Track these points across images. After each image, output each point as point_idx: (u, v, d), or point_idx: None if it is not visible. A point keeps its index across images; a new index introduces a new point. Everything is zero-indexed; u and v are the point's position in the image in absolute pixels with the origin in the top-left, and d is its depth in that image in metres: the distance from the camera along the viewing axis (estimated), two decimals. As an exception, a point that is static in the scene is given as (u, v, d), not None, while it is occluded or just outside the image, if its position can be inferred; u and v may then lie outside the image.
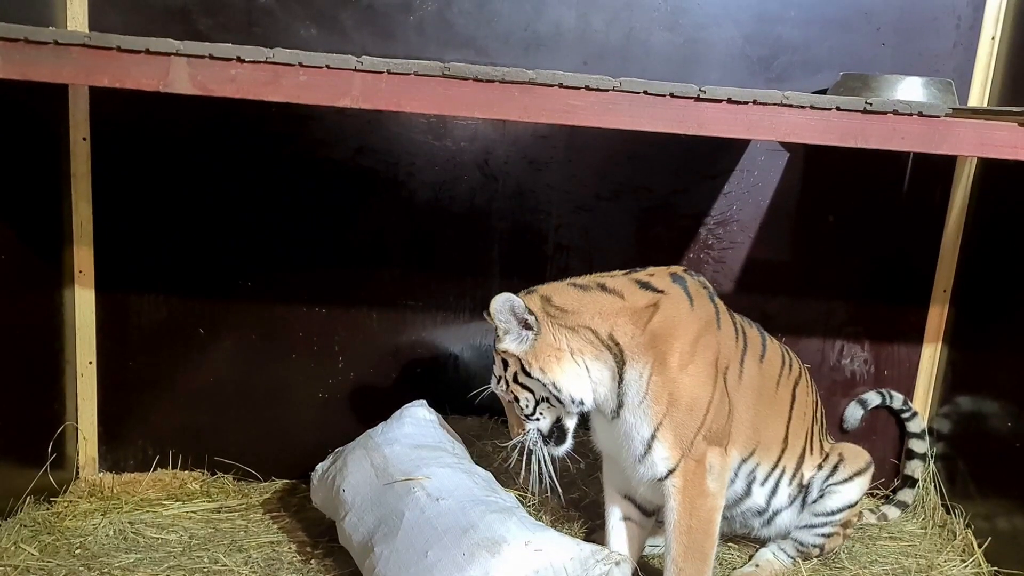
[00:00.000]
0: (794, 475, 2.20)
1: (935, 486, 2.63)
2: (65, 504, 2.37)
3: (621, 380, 1.93)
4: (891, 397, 2.70)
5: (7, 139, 2.10)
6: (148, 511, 2.38)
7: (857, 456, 2.28)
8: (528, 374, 1.95)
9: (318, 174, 2.47)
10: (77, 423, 2.52)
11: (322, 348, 2.58)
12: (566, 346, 1.94)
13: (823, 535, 2.24)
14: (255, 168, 2.45)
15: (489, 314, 1.94)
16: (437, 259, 2.57)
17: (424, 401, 2.39)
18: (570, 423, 2.03)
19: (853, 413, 2.71)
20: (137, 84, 1.63)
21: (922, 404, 2.73)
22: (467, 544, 1.85)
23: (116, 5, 2.30)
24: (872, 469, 2.30)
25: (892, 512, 2.62)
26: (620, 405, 1.95)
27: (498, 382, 2.02)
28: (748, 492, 2.17)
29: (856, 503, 2.25)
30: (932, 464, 2.67)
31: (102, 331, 2.50)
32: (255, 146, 2.44)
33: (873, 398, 2.70)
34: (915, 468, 2.68)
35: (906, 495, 2.66)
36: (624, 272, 2.04)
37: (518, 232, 2.56)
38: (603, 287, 1.97)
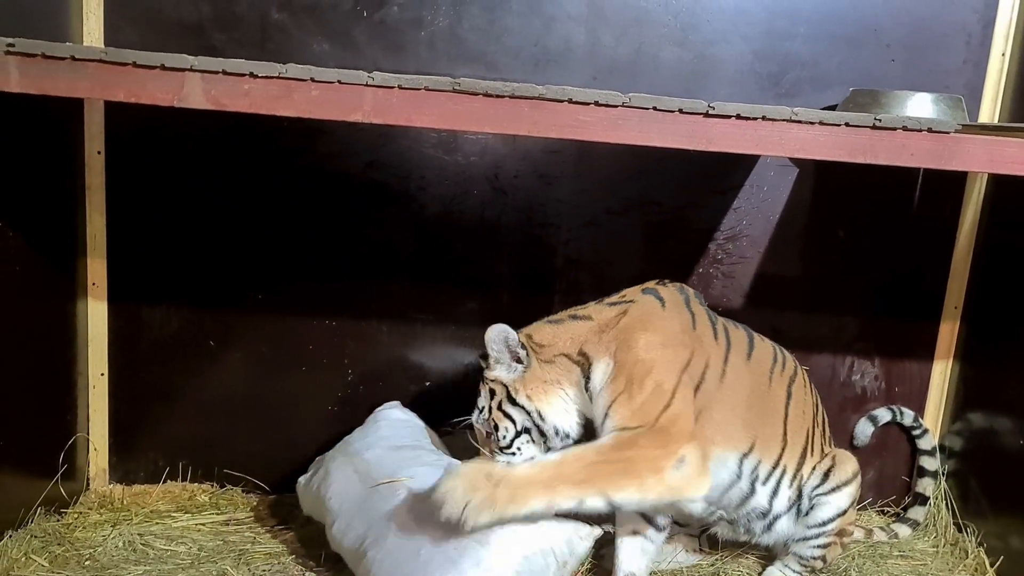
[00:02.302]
0: (795, 475, 2.20)
1: (947, 504, 2.61)
2: (75, 515, 2.38)
3: (589, 380, 2.02)
4: (901, 414, 2.69)
5: (24, 152, 2.12)
6: (158, 523, 2.38)
7: (845, 463, 2.27)
8: (514, 401, 2.05)
9: (329, 188, 2.49)
10: (88, 434, 2.53)
11: (331, 361, 2.59)
12: (550, 378, 2.06)
13: (820, 546, 2.23)
14: (267, 182, 2.47)
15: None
16: (447, 273, 2.58)
17: (397, 402, 2.48)
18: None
19: (863, 430, 2.69)
20: (152, 99, 1.65)
21: (933, 421, 2.72)
22: (457, 538, 1.87)
23: (132, 21, 2.33)
24: (859, 477, 2.28)
25: (903, 530, 2.60)
26: (590, 395, 2.03)
27: (480, 412, 2.11)
28: (752, 491, 2.17)
29: (847, 509, 2.24)
30: (944, 481, 2.65)
31: (114, 343, 2.51)
32: (267, 160, 2.46)
33: (884, 415, 2.69)
34: (926, 486, 2.66)
35: (917, 513, 2.64)
36: (597, 300, 2.16)
37: (528, 246, 2.57)
38: (575, 316, 2.12)
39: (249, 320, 2.55)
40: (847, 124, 1.76)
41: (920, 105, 2.26)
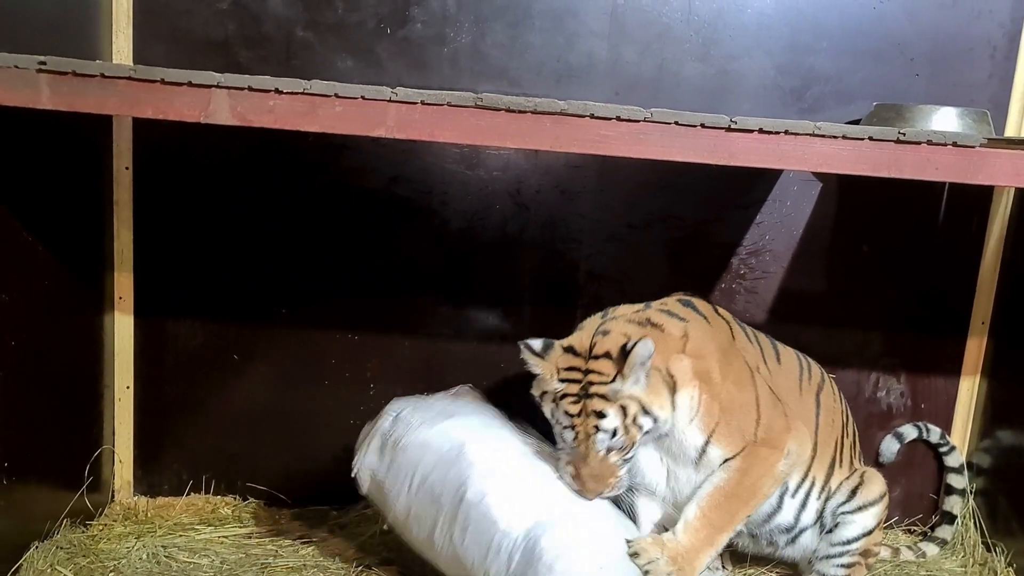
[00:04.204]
0: (823, 488, 2.19)
1: (975, 522, 2.57)
2: (100, 527, 2.40)
3: (674, 404, 1.99)
4: (928, 431, 2.65)
5: (53, 167, 2.16)
6: (181, 535, 2.40)
7: (873, 482, 2.24)
8: (647, 412, 1.96)
9: (352, 203, 2.51)
10: (114, 447, 2.55)
11: (354, 375, 2.60)
12: (660, 381, 1.99)
13: (844, 565, 2.20)
14: (291, 197, 2.50)
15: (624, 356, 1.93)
16: (469, 287, 2.59)
17: (471, 384, 2.39)
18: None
19: (889, 447, 2.66)
20: (179, 115, 1.68)
21: (961, 438, 2.68)
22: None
23: (160, 39, 2.37)
24: (886, 498, 2.26)
25: (931, 549, 2.56)
26: (671, 421, 2.01)
27: (611, 435, 1.95)
28: (780, 505, 2.16)
29: (873, 530, 2.21)
30: (972, 500, 2.61)
31: (140, 356, 2.54)
32: (291, 175, 2.48)
33: (910, 431, 2.66)
34: (954, 504, 2.62)
35: (945, 531, 2.61)
36: (645, 305, 2.11)
37: (550, 261, 2.57)
38: (650, 322, 2.04)
39: (273, 334, 2.57)
40: (871, 138, 1.75)
41: (945, 119, 2.24)
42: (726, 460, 2.01)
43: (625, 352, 1.91)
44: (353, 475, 2.15)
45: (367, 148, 2.46)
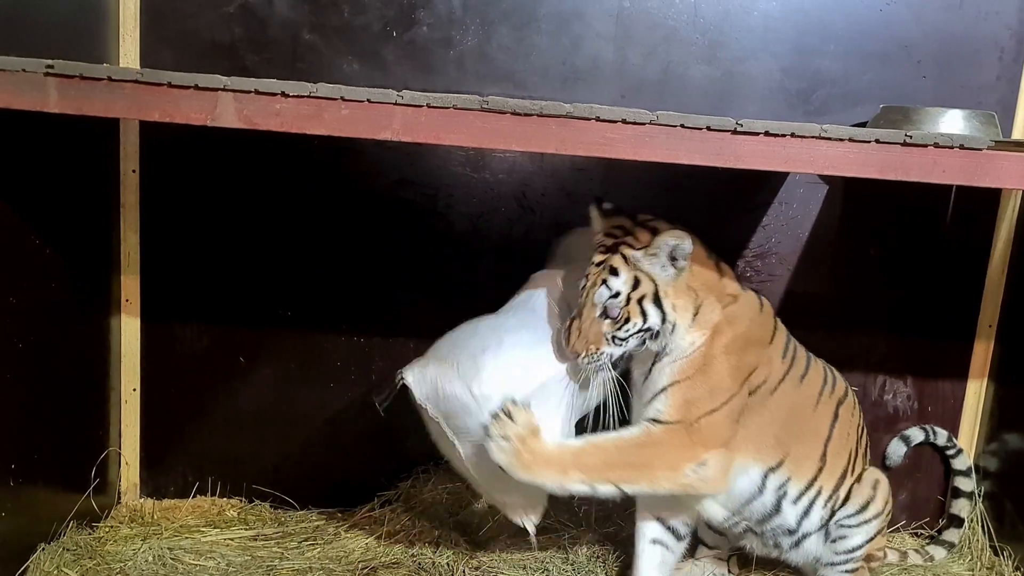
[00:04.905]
0: (830, 496, 2.18)
1: (982, 526, 2.56)
2: (107, 529, 2.41)
3: (675, 336, 2.00)
4: (935, 434, 2.65)
5: (61, 170, 2.17)
6: (187, 537, 2.40)
7: (879, 491, 2.23)
8: (659, 304, 1.96)
9: (358, 206, 2.51)
10: (120, 449, 2.56)
11: (360, 377, 2.60)
12: (688, 296, 1.99)
13: (848, 571, 2.21)
14: (296, 200, 2.50)
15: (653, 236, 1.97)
16: (475, 290, 2.58)
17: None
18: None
19: (896, 450, 2.65)
20: (186, 118, 1.68)
21: (968, 441, 2.67)
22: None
23: (167, 43, 2.38)
24: (889, 503, 2.25)
25: (938, 552, 2.55)
26: (663, 350, 2.01)
27: (612, 294, 1.95)
28: (778, 509, 2.15)
29: (875, 536, 2.21)
30: (979, 504, 2.60)
31: (146, 359, 2.55)
32: (297, 178, 2.49)
33: (916, 435, 2.65)
34: (961, 507, 2.62)
35: (952, 534, 2.60)
36: (709, 252, 2.08)
37: (555, 264, 2.57)
38: (715, 261, 2.06)
39: (278, 337, 2.57)
40: (877, 141, 1.75)
41: (952, 122, 2.23)
42: (654, 419, 1.97)
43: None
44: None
45: (373, 151, 2.47)
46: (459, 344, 2.06)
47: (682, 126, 1.72)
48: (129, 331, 2.52)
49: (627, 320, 1.96)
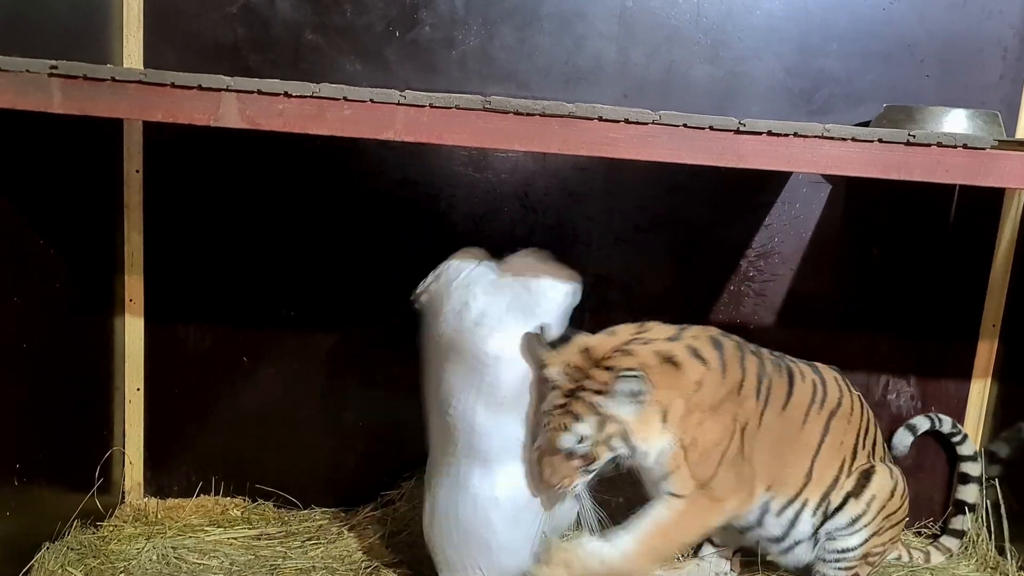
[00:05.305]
0: (818, 506, 2.18)
1: (987, 527, 2.55)
2: (111, 528, 2.41)
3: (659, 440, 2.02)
4: (940, 421, 2.64)
5: (64, 171, 2.17)
6: (191, 536, 2.41)
7: (876, 496, 2.21)
8: (627, 440, 1.97)
9: (361, 206, 2.51)
10: (124, 448, 2.57)
11: (363, 378, 2.61)
12: (655, 416, 1.97)
13: (844, 568, 2.21)
14: (299, 200, 2.50)
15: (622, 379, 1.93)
16: (477, 290, 2.59)
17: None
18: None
19: (902, 439, 2.63)
20: (189, 119, 1.68)
21: (972, 440, 2.66)
22: None
23: (170, 43, 2.38)
24: (892, 501, 2.23)
25: (950, 542, 2.57)
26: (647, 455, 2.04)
27: (579, 440, 1.95)
28: (760, 523, 2.17)
29: (870, 538, 2.20)
30: (985, 502, 2.59)
31: (150, 358, 2.55)
32: (300, 178, 2.49)
33: (922, 423, 2.63)
34: (969, 493, 2.62)
35: (959, 522, 2.61)
36: (673, 336, 2.06)
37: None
38: (671, 360, 2.00)
39: (282, 337, 2.58)
40: (880, 140, 1.75)
41: (955, 121, 2.23)
42: (673, 494, 2.03)
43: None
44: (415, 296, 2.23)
45: (375, 151, 2.47)
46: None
47: (685, 126, 1.73)
48: (133, 331, 2.52)
49: (596, 459, 1.99)
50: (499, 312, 2.04)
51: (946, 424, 2.65)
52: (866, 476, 2.21)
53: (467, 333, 2.03)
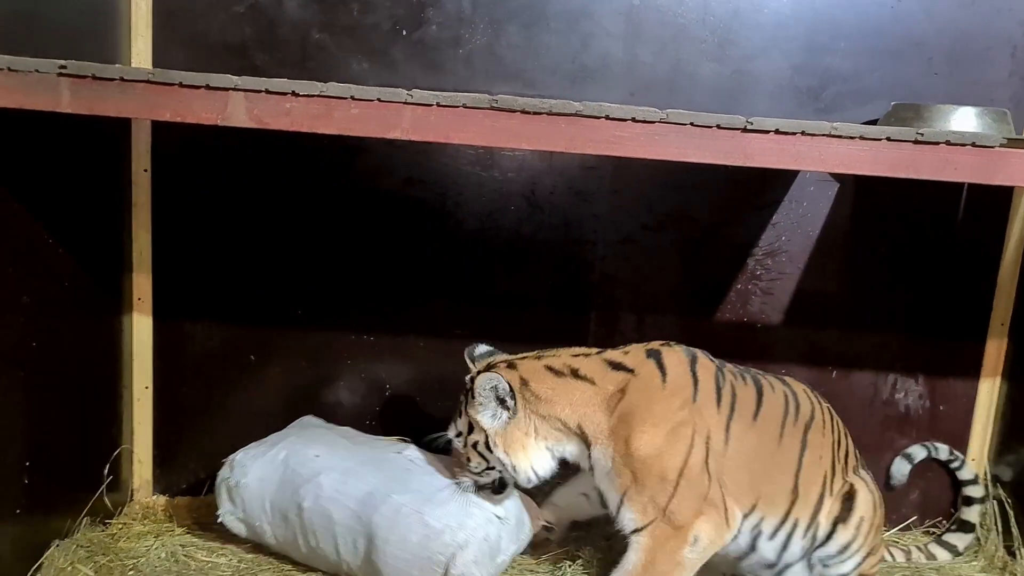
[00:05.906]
0: (808, 526, 2.11)
1: (996, 528, 2.54)
2: (120, 526, 2.42)
3: (590, 456, 2.04)
4: (936, 449, 2.64)
5: (73, 170, 2.18)
6: (199, 534, 2.42)
7: (863, 519, 2.14)
8: (490, 450, 2.04)
9: (368, 205, 2.52)
10: (133, 446, 2.58)
11: (369, 376, 2.61)
12: (534, 432, 2.04)
13: None
14: (307, 199, 2.51)
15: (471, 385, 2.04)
16: (484, 289, 2.59)
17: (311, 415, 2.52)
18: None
19: (900, 469, 2.64)
20: (197, 118, 1.69)
21: (980, 440, 2.66)
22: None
23: (178, 43, 2.39)
24: (876, 520, 2.17)
25: (957, 540, 2.56)
26: (591, 469, 2.05)
27: (457, 436, 2.11)
28: (754, 547, 2.11)
29: (864, 561, 2.15)
30: (992, 504, 2.58)
31: (158, 357, 2.56)
32: (307, 177, 2.49)
33: (918, 452, 2.64)
34: (971, 514, 2.61)
35: (957, 538, 2.58)
36: (599, 352, 2.11)
37: (564, 262, 2.57)
38: (576, 373, 2.05)
39: (289, 335, 2.58)
40: (888, 139, 1.74)
41: (964, 119, 2.22)
42: (636, 530, 1.99)
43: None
44: (218, 521, 2.29)
45: (382, 150, 2.47)
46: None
47: (692, 124, 1.72)
48: (141, 329, 2.53)
49: (469, 460, 2.06)
50: None
51: (943, 451, 2.64)
52: (850, 499, 2.14)
53: None
